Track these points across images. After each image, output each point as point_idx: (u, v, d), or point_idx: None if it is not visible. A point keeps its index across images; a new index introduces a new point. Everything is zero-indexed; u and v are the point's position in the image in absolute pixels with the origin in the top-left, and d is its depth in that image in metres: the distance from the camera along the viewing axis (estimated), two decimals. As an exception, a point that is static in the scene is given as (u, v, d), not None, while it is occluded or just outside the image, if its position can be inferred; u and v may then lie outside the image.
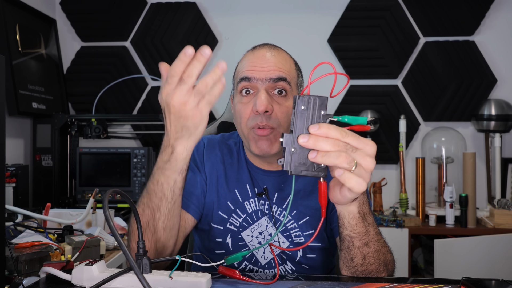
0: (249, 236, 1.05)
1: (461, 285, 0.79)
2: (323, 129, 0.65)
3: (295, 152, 0.68)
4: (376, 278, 0.87)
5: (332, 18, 2.66)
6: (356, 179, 0.67)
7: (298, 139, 0.66)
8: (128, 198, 0.77)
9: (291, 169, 0.68)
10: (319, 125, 0.66)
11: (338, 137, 0.66)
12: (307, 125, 0.67)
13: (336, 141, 0.66)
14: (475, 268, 2.08)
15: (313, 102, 0.68)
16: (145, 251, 0.77)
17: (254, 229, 1.05)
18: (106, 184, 2.36)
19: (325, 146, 0.65)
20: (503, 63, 2.61)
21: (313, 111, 0.68)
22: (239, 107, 1.01)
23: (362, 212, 0.79)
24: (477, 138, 2.63)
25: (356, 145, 0.67)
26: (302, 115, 0.67)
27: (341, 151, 0.66)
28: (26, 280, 0.86)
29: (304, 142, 0.65)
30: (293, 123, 0.68)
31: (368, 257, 0.84)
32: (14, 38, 2.24)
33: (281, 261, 1.05)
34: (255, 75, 0.98)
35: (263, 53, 1.02)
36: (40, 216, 1.38)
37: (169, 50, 2.70)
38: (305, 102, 0.67)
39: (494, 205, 2.32)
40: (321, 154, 0.65)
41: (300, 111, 0.67)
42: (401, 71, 2.65)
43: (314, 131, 0.65)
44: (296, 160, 0.68)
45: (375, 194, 2.46)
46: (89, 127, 2.45)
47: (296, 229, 1.05)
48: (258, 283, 0.81)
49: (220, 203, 1.06)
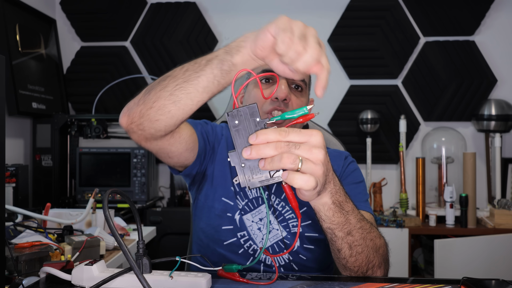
0: (249, 220, 1.08)
1: (461, 285, 0.79)
2: (260, 136, 0.63)
3: (245, 167, 0.67)
4: (376, 278, 0.87)
5: (332, 18, 2.66)
6: (301, 177, 0.64)
7: (242, 153, 0.65)
8: (128, 198, 0.77)
9: (248, 184, 0.67)
10: (256, 133, 0.64)
11: (278, 139, 0.63)
12: (246, 137, 0.66)
13: (277, 144, 0.63)
14: (475, 268, 2.08)
15: (243, 113, 0.66)
16: (145, 251, 0.77)
17: (255, 214, 1.08)
18: (106, 184, 2.36)
19: (268, 152, 0.63)
20: (503, 63, 2.61)
21: (247, 121, 0.66)
22: (256, 92, 1.08)
23: (337, 201, 0.76)
24: (477, 138, 2.63)
25: (299, 140, 0.64)
26: (239, 129, 0.66)
27: (283, 153, 0.63)
28: (26, 280, 0.86)
29: (248, 155, 0.64)
30: (234, 140, 0.67)
31: (354, 246, 0.82)
32: (14, 38, 2.24)
33: (279, 250, 1.08)
34: None
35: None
36: (40, 216, 1.38)
37: (169, 50, 2.70)
38: (235, 116, 0.66)
39: (494, 205, 2.32)
40: (268, 161, 0.64)
41: (235, 126, 0.66)
42: (401, 71, 2.65)
43: (253, 141, 0.64)
44: (249, 174, 0.67)
45: (375, 194, 2.46)
46: (89, 127, 2.45)
47: (294, 219, 1.07)
48: (258, 284, 0.81)
49: (227, 183, 1.11)
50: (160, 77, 0.87)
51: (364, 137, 2.58)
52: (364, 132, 2.58)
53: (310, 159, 0.65)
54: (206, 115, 2.66)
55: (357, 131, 2.63)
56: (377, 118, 2.54)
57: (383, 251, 0.89)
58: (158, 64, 2.72)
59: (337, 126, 2.67)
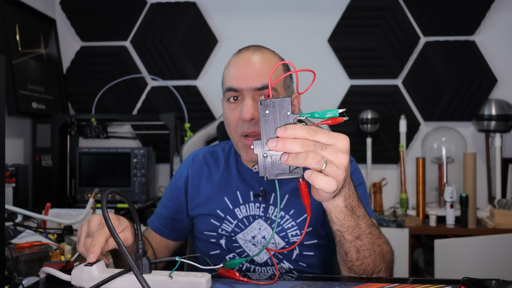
0: (242, 239, 1.08)
1: (461, 285, 0.79)
2: (289, 131, 0.64)
3: (267, 157, 0.67)
4: (376, 278, 0.87)
5: (332, 18, 2.66)
6: (324, 179, 0.64)
7: (268, 144, 0.65)
8: (127, 199, 0.77)
9: (266, 174, 0.67)
10: (285, 127, 0.64)
11: (306, 136, 0.64)
12: (275, 128, 0.66)
13: (304, 141, 0.64)
14: (475, 268, 2.07)
15: (276, 105, 0.66)
16: (144, 251, 0.77)
17: (247, 233, 1.07)
18: (106, 184, 2.36)
19: (294, 148, 0.63)
20: (503, 63, 2.60)
21: (278, 113, 0.66)
22: (227, 113, 1.04)
23: (350, 205, 0.77)
24: (477, 138, 2.63)
25: (326, 141, 0.65)
26: (268, 120, 0.66)
27: (309, 151, 0.63)
28: (26, 280, 0.86)
29: (273, 146, 0.64)
30: (261, 129, 0.67)
31: (362, 250, 0.83)
32: (14, 38, 2.24)
33: (278, 260, 1.06)
34: (240, 85, 1.00)
35: (247, 57, 1.03)
36: (40, 216, 1.38)
37: (169, 50, 2.70)
38: (268, 106, 0.66)
39: (494, 205, 2.32)
40: (292, 156, 0.64)
41: (265, 115, 0.66)
42: (402, 71, 2.65)
43: (281, 134, 0.64)
44: (269, 165, 0.67)
45: (375, 194, 2.45)
46: (89, 127, 2.45)
47: (294, 227, 1.06)
48: (258, 284, 0.81)
49: (211, 212, 1.10)
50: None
51: (364, 137, 2.58)
52: (364, 132, 2.58)
53: (334, 162, 0.65)
54: (207, 115, 2.66)
55: (357, 131, 2.63)
56: (377, 118, 2.54)
57: (389, 258, 0.90)
58: (158, 64, 2.72)
59: (337, 126, 2.66)
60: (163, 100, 2.69)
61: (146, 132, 2.68)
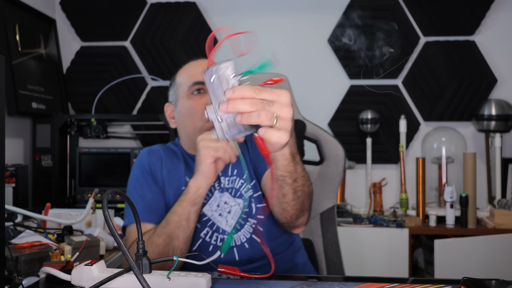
0: (209, 211, 1.15)
1: (461, 285, 0.79)
2: (237, 92, 0.67)
3: (222, 121, 0.70)
4: (376, 278, 0.87)
5: (332, 18, 2.66)
6: (278, 133, 0.70)
7: (220, 107, 0.68)
8: (127, 198, 0.77)
9: (225, 136, 0.71)
10: (233, 89, 0.67)
11: (253, 96, 0.68)
12: (223, 92, 0.69)
13: (253, 100, 0.68)
14: (475, 268, 2.08)
15: (220, 69, 0.69)
16: (144, 251, 0.77)
17: (212, 203, 1.15)
18: (106, 184, 2.36)
19: (245, 107, 0.67)
20: (503, 63, 2.60)
21: (224, 77, 0.69)
22: (191, 104, 1.15)
23: (292, 153, 0.85)
24: (477, 138, 2.63)
25: (271, 98, 0.69)
26: (214, 85, 0.69)
27: (260, 110, 0.68)
28: (26, 280, 0.86)
29: (225, 109, 0.68)
30: (211, 95, 0.70)
31: (297, 191, 0.94)
32: (14, 38, 2.24)
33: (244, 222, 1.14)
34: None
35: (205, 61, 1.13)
36: (39, 216, 1.38)
37: (169, 50, 2.70)
38: (212, 72, 0.69)
39: (494, 205, 2.32)
40: (245, 116, 0.68)
41: (211, 82, 0.69)
42: (401, 71, 2.65)
43: (230, 95, 0.67)
44: (226, 127, 0.71)
45: (375, 194, 2.46)
46: (89, 127, 2.44)
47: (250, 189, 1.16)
48: (258, 277, 0.84)
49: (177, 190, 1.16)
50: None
51: (364, 137, 2.58)
52: (364, 132, 2.58)
53: (282, 116, 0.70)
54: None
55: (357, 131, 2.63)
56: (377, 118, 2.54)
57: (311, 197, 1.04)
58: (158, 64, 2.72)
59: (337, 126, 2.67)
60: (163, 100, 2.69)
61: (146, 132, 2.68)
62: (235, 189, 1.16)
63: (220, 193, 1.15)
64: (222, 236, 1.13)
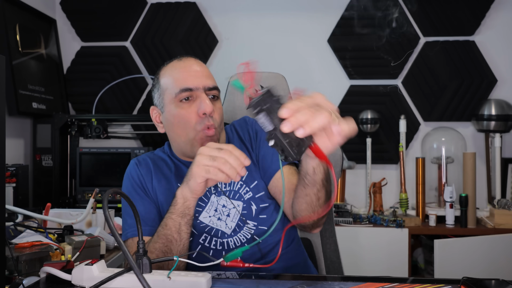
0: (206, 217, 1.12)
1: (461, 285, 0.79)
2: (292, 107, 0.69)
3: (288, 142, 0.71)
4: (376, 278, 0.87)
5: (332, 18, 2.66)
6: (343, 123, 0.73)
7: (282, 129, 0.68)
8: (128, 198, 0.77)
9: (296, 157, 0.72)
10: (285, 107, 0.69)
11: (302, 106, 0.70)
12: (276, 116, 0.69)
13: (306, 110, 0.69)
14: (475, 268, 2.08)
15: (266, 97, 0.70)
16: (145, 251, 0.77)
17: (209, 209, 1.13)
18: (106, 184, 2.36)
19: (304, 117, 0.69)
20: (503, 63, 2.61)
21: (271, 103, 0.70)
22: (181, 113, 1.09)
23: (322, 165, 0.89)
24: (477, 138, 2.63)
25: (313, 101, 0.72)
26: (265, 115, 0.70)
27: (315, 113, 0.70)
28: (26, 280, 0.87)
29: (288, 127, 0.68)
30: (269, 122, 0.70)
31: (327, 191, 0.96)
32: (14, 38, 2.24)
33: (243, 224, 1.11)
34: (196, 85, 1.09)
35: (190, 62, 1.15)
36: (40, 216, 1.38)
37: (169, 50, 2.70)
38: (261, 102, 0.70)
39: (494, 205, 2.32)
40: (306, 127, 0.69)
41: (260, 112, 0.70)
42: (401, 71, 2.65)
43: (287, 114, 0.68)
44: (291, 147, 0.71)
45: (375, 194, 2.46)
46: (89, 127, 2.45)
47: (249, 192, 1.14)
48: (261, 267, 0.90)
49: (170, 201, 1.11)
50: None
51: (364, 137, 2.58)
52: (364, 132, 2.58)
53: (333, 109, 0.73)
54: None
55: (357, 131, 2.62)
56: (377, 118, 2.54)
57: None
58: (158, 64, 2.71)
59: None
60: (163, 100, 2.69)
61: (146, 132, 2.68)
62: (234, 191, 1.14)
63: (217, 196, 1.13)
64: (222, 240, 1.10)
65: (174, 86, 1.11)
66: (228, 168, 0.88)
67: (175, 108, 1.10)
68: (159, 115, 1.17)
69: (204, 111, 1.06)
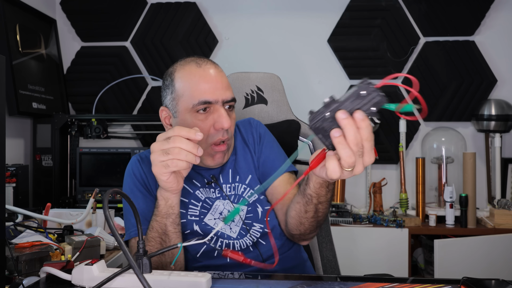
0: (211, 220, 1.11)
1: (461, 285, 0.79)
2: (362, 122, 0.67)
3: (326, 118, 0.69)
4: (376, 278, 0.87)
5: (332, 18, 2.66)
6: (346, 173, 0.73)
7: (339, 112, 0.67)
8: (128, 198, 0.77)
9: (313, 125, 0.70)
10: (363, 116, 0.67)
11: (363, 138, 0.69)
12: (353, 107, 0.67)
13: (359, 140, 0.69)
14: (475, 268, 2.08)
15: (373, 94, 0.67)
16: (145, 251, 0.77)
17: (214, 211, 1.12)
18: (106, 184, 2.36)
19: (350, 136, 0.68)
20: (503, 63, 2.61)
21: (368, 101, 0.67)
22: (196, 124, 1.05)
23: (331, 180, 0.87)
24: (477, 138, 2.63)
25: (367, 151, 0.71)
26: (356, 98, 0.67)
27: (353, 154, 0.69)
28: (26, 280, 0.87)
29: (340, 117, 0.67)
30: (346, 97, 0.68)
31: (318, 211, 0.97)
32: (14, 38, 2.24)
33: (249, 227, 1.11)
34: (215, 98, 1.06)
35: (210, 71, 1.08)
36: (40, 216, 1.38)
37: (169, 50, 2.70)
38: (368, 89, 0.67)
39: (494, 205, 2.32)
40: (340, 140, 0.68)
41: (358, 94, 0.67)
42: (401, 71, 2.65)
43: (356, 117, 0.67)
44: (321, 124, 0.69)
45: (375, 194, 2.46)
46: (89, 127, 2.45)
47: (247, 190, 1.14)
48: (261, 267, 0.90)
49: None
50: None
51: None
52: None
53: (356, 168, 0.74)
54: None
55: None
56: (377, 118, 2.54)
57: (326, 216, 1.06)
58: (158, 64, 2.72)
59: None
60: (163, 100, 2.69)
61: (146, 132, 2.68)
62: (238, 195, 1.14)
63: (222, 200, 1.12)
64: (228, 241, 1.10)
65: (191, 96, 1.05)
66: (185, 155, 0.86)
67: (191, 118, 1.06)
68: (169, 117, 1.12)
69: (222, 127, 1.04)
